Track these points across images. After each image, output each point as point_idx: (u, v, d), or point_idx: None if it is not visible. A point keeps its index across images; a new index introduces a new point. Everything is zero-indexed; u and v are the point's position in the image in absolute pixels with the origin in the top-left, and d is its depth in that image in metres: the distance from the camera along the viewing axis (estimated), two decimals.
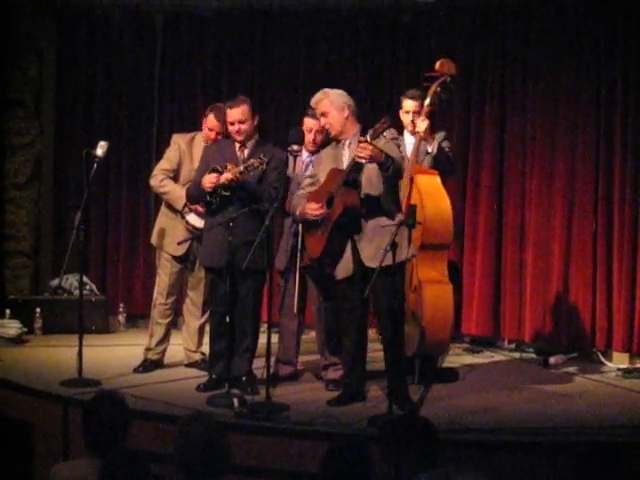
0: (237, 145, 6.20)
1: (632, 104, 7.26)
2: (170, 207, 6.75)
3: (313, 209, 5.79)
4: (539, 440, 5.11)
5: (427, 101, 6.46)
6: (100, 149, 6.56)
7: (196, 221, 6.60)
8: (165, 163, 6.74)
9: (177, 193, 6.64)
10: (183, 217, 6.66)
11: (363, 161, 5.52)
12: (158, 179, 6.71)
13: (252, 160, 5.92)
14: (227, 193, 5.98)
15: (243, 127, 6.08)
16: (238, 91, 8.70)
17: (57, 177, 8.88)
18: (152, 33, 8.85)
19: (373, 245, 5.67)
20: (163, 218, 6.82)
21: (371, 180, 5.68)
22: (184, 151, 6.71)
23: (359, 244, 5.72)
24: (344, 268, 5.79)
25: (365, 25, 8.47)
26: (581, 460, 3.50)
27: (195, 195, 6.23)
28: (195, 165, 6.53)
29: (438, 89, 6.49)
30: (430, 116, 6.53)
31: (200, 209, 6.51)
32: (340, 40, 8.54)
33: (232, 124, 6.10)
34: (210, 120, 6.60)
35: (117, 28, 8.84)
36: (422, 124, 6.40)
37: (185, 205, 6.60)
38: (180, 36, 8.82)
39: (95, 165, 6.52)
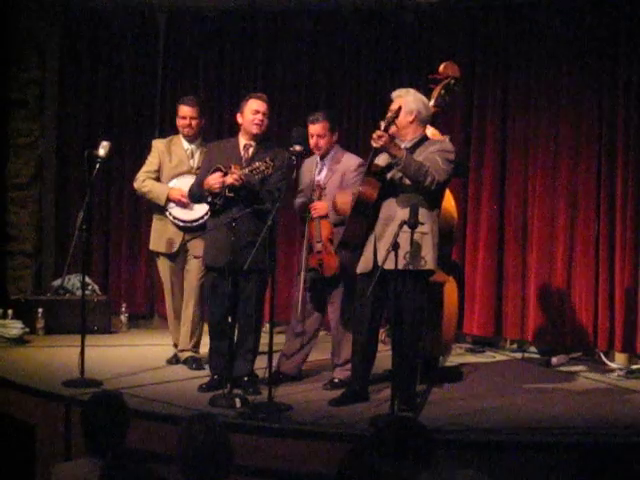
0: (241, 145, 6.22)
1: (635, 104, 7.26)
2: (158, 210, 6.88)
3: (342, 199, 5.98)
4: (541, 440, 5.11)
5: (431, 102, 6.45)
6: (102, 149, 6.57)
7: (180, 213, 6.74)
8: (146, 166, 6.96)
9: (158, 189, 6.83)
10: (169, 212, 6.77)
11: (376, 145, 5.55)
12: (140, 180, 6.92)
13: (258, 163, 5.94)
14: (231, 194, 6.00)
15: (266, 120, 6.21)
16: (241, 91, 8.77)
17: (59, 177, 8.88)
18: (154, 33, 8.86)
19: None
20: (155, 223, 6.97)
21: (404, 181, 5.66)
22: (163, 152, 6.92)
23: (378, 243, 5.72)
24: (364, 263, 5.81)
25: (367, 25, 8.48)
26: (583, 460, 3.50)
27: (198, 195, 6.25)
28: (174, 162, 6.83)
29: (442, 91, 6.49)
30: (434, 118, 6.51)
31: (184, 200, 6.65)
32: (342, 40, 8.55)
33: (257, 112, 6.18)
34: (181, 109, 6.87)
35: (120, 28, 8.84)
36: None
37: (167, 199, 6.74)
38: (182, 36, 8.82)
39: (97, 165, 6.54)
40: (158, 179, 6.89)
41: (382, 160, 5.72)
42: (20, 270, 8.74)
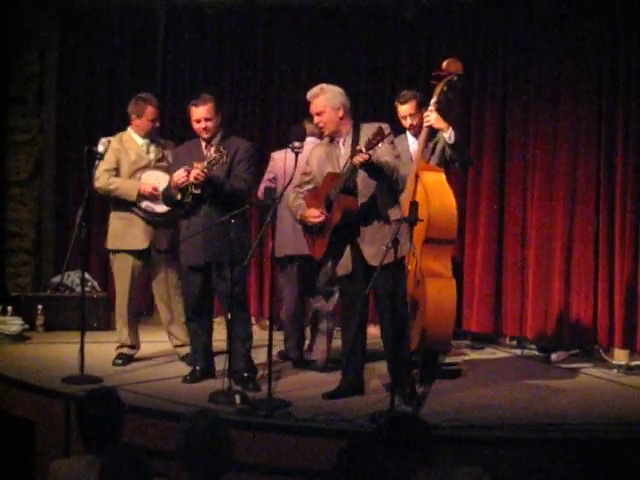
0: (204, 144, 6.30)
1: (634, 102, 7.25)
2: (119, 208, 6.77)
3: (314, 216, 5.86)
4: (540, 436, 5.11)
5: (433, 99, 6.44)
6: (101, 146, 6.60)
7: (152, 206, 6.69)
8: (104, 164, 6.71)
9: (127, 185, 6.72)
10: (139, 207, 6.70)
11: (358, 166, 5.56)
12: (104, 178, 6.71)
13: (214, 155, 6.02)
14: (198, 191, 6.09)
15: (209, 124, 6.21)
16: (240, 88, 8.78)
17: (58, 174, 8.89)
18: (154, 30, 8.86)
19: (375, 244, 5.70)
20: (116, 221, 6.84)
21: (367, 184, 5.71)
22: (118, 149, 6.79)
23: (361, 245, 5.77)
24: (344, 265, 5.86)
25: (367, 22, 8.48)
26: (582, 456, 3.50)
27: (170, 196, 6.32)
28: (132, 157, 6.76)
29: (445, 88, 6.48)
30: (438, 113, 6.50)
31: (155, 192, 6.62)
32: (342, 37, 8.55)
33: (198, 121, 6.23)
34: (150, 112, 6.79)
35: (119, 25, 8.86)
36: (431, 115, 6.38)
37: (138, 194, 6.67)
38: (182, 33, 8.83)
39: (96, 162, 6.56)
40: (117, 176, 6.76)
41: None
42: (20, 267, 8.75)
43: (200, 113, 6.20)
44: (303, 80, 8.56)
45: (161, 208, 6.68)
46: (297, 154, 6.05)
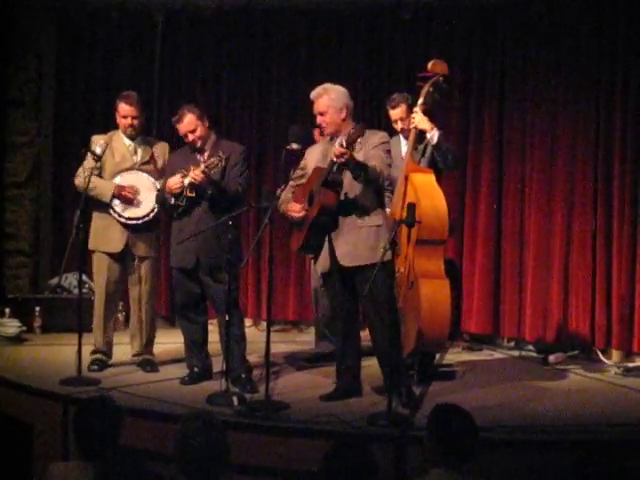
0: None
1: (632, 103, 7.26)
2: (100, 208, 6.70)
3: (294, 210, 5.88)
4: (538, 438, 5.11)
5: (420, 101, 6.48)
6: (99, 147, 6.58)
7: (125, 210, 6.62)
8: (88, 162, 6.63)
9: (104, 186, 6.62)
10: (114, 210, 6.63)
11: (337, 161, 5.56)
12: (82, 177, 6.58)
13: (212, 159, 6.09)
14: (192, 194, 6.14)
15: (196, 135, 6.28)
16: (238, 90, 8.77)
17: (56, 176, 8.88)
18: (152, 32, 8.85)
19: (349, 244, 5.72)
20: (96, 221, 6.76)
21: (352, 184, 5.71)
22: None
23: (335, 242, 5.77)
24: (322, 263, 5.87)
25: (365, 23, 8.48)
26: (580, 458, 3.50)
27: (162, 198, 6.36)
28: (117, 158, 6.68)
29: (431, 89, 6.52)
30: (425, 114, 6.52)
31: (129, 196, 6.57)
32: (340, 38, 8.55)
33: (185, 136, 6.32)
34: (122, 108, 6.67)
35: (117, 27, 8.85)
36: (417, 116, 6.40)
37: (113, 196, 6.60)
38: (180, 35, 8.83)
39: (94, 164, 6.54)
40: (99, 176, 6.67)
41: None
42: (17, 269, 8.74)
43: (182, 128, 6.30)
44: (301, 82, 8.57)
45: (135, 213, 6.61)
46: (295, 156, 6.07)
